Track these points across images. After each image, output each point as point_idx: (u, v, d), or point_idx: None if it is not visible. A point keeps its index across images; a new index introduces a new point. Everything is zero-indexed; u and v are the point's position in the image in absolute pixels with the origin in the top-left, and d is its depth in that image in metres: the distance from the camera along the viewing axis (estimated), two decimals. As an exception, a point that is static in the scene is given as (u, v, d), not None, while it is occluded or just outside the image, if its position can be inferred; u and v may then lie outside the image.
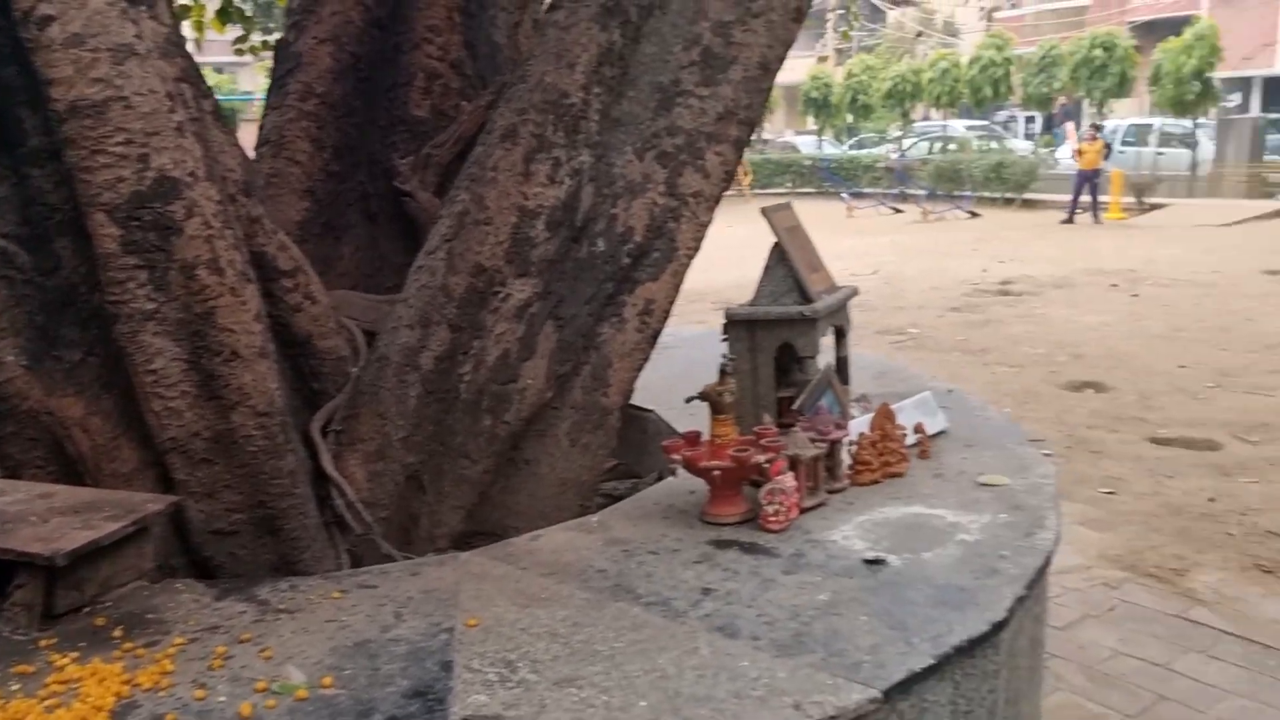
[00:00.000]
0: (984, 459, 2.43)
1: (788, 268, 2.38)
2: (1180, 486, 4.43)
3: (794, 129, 37.38)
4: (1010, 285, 10.65)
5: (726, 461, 1.99)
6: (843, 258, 13.24)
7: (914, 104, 25.58)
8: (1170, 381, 6.42)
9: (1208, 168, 20.55)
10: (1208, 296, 9.61)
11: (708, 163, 2.46)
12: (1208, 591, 3.31)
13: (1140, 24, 31.26)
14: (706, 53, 2.44)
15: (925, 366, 6.97)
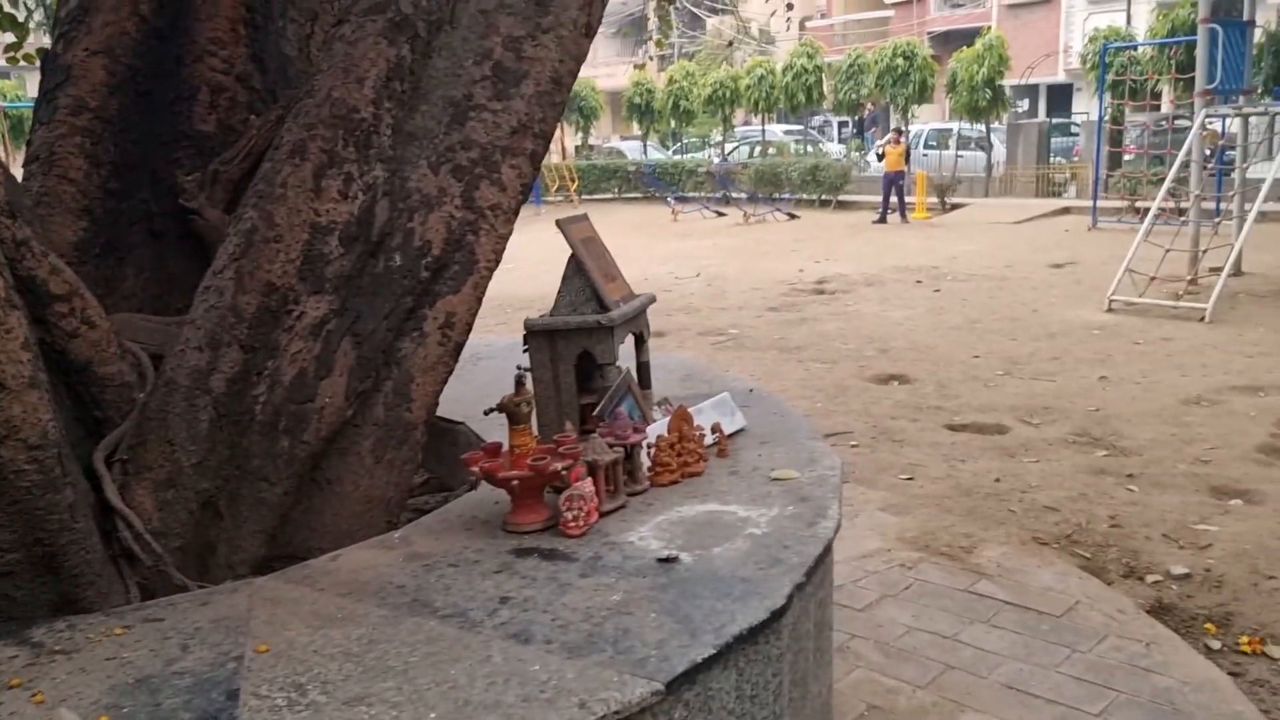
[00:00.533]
0: (777, 455, 2.55)
1: (584, 278, 2.44)
2: (971, 469, 4.77)
3: (620, 134, 37.87)
4: (825, 284, 11.14)
5: (524, 471, 2.03)
6: (668, 261, 13.57)
7: (733, 109, 26.32)
8: (966, 371, 6.87)
9: (1001, 169, 22.03)
10: (1001, 290, 10.32)
11: (504, 176, 2.49)
12: (992, 565, 3.58)
13: (938, 34, 33.25)
14: (498, 67, 2.48)
15: (743, 365, 7.23)
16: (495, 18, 2.48)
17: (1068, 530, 3.97)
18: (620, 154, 29.38)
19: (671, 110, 26.39)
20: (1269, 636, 3.12)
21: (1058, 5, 31.17)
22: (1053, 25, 31.04)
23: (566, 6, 2.54)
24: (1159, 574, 3.58)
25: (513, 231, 2.55)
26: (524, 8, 2.50)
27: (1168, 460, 4.83)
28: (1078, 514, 4.14)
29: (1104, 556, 3.75)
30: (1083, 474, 4.65)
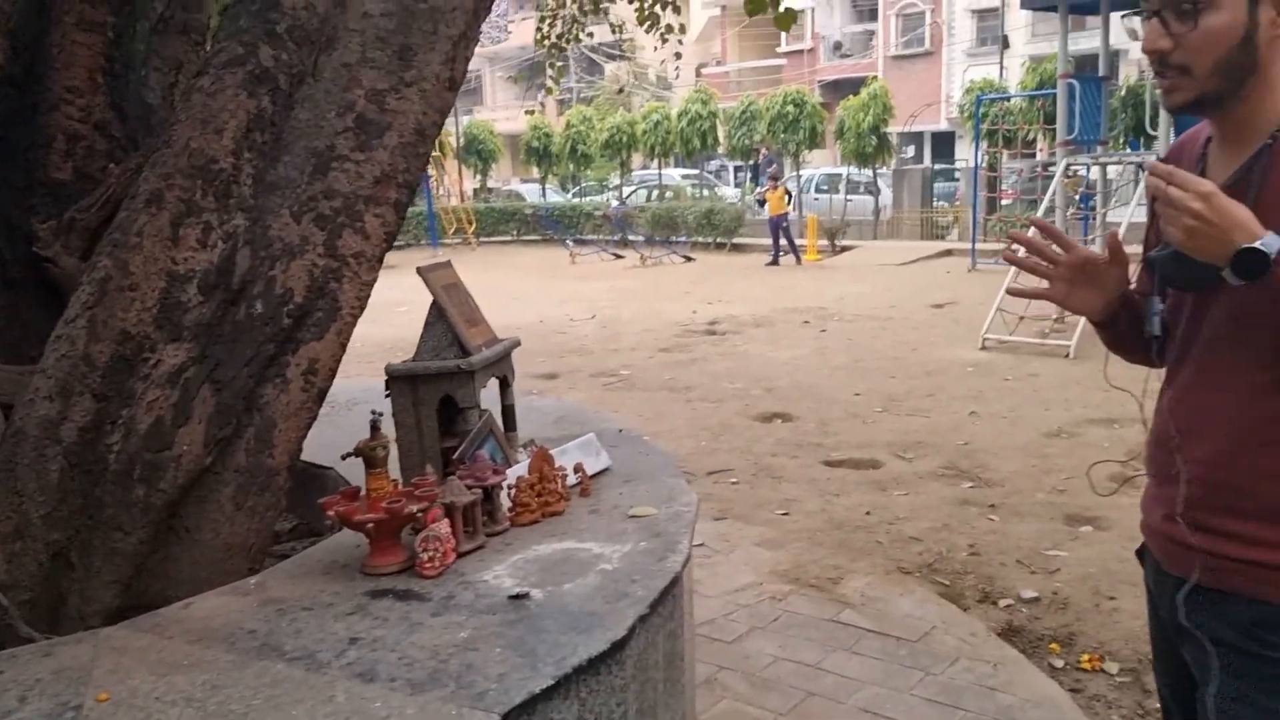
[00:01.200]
0: (639, 493, 2.64)
1: (446, 324, 2.50)
2: (844, 503, 4.95)
3: (519, 177, 38.03)
4: (717, 325, 11.38)
5: (379, 514, 2.07)
6: (564, 303, 13.67)
7: (631, 153, 26.76)
8: (846, 408, 7.11)
9: (888, 213, 22.84)
10: (884, 330, 10.70)
11: (367, 224, 2.55)
12: (856, 595, 3.73)
13: (828, 83, 34.46)
14: (361, 119, 2.54)
15: (632, 406, 7.35)
16: (358, 71, 2.55)
17: (930, 559, 4.16)
18: (519, 197, 29.55)
19: (570, 154, 26.68)
20: (1107, 654, 3.32)
21: (939, 57, 32.68)
22: (934, 76, 32.50)
23: (430, 61, 2.62)
24: (1011, 598, 3.78)
25: (378, 277, 2.60)
26: (387, 62, 2.57)
27: (1027, 490, 5.10)
28: (940, 543, 4.34)
29: (962, 583, 3.94)
30: (948, 505, 4.87)
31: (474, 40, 2.83)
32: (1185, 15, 1.36)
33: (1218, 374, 1.48)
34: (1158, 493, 1.63)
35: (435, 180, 25.68)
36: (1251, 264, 1.30)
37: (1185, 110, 1.45)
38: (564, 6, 9.25)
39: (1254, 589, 1.46)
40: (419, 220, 23.70)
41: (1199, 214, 1.31)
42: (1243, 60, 1.37)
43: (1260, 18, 1.35)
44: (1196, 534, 1.51)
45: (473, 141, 28.64)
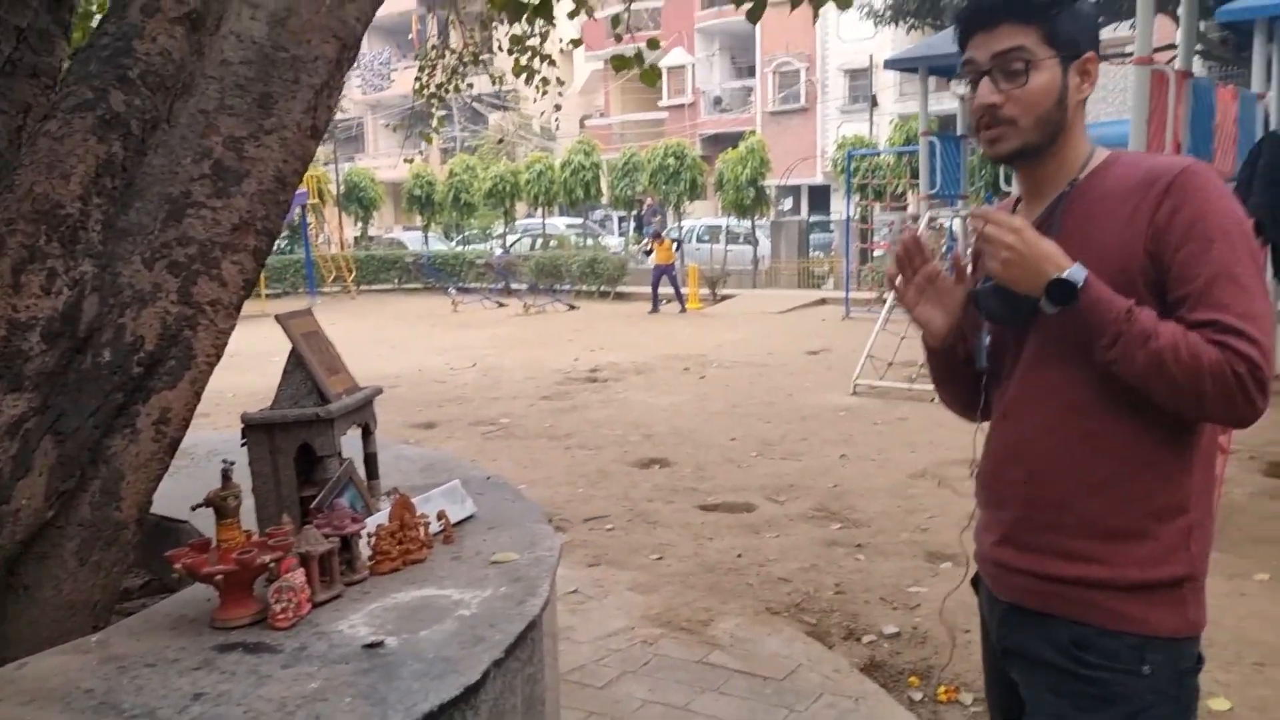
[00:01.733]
0: (502, 539, 2.65)
1: (305, 372, 2.48)
2: (717, 546, 5.03)
3: (402, 225, 37.67)
4: (598, 372, 11.45)
5: (229, 565, 2.03)
6: (445, 351, 13.55)
7: (514, 202, 26.84)
8: (723, 453, 7.24)
9: (767, 263, 23.45)
10: (761, 376, 10.95)
11: (224, 271, 2.52)
12: (725, 637, 3.79)
13: (708, 136, 35.33)
14: (218, 166, 2.52)
15: (511, 454, 7.32)
16: (216, 118, 2.53)
17: (798, 599, 4.26)
18: (401, 245, 29.25)
19: (453, 202, 26.60)
20: (962, 685, 3.46)
21: (814, 114, 33.91)
22: (810, 132, 33.70)
23: (290, 109, 2.62)
24: (874, 634, 3.90)
25: (235, 325, 2.57)
26: (246, 109, 2.57)
27: (892, 530, 5.28)
28: (808, 583, 4.45)
29: (828, 621, 4.04)
30: (817, 546, 5.01)
31: (337, 89, 2.85)
32: (1014, 75, 1.55)
33: (1037, 397, 1.60)
34: (987, 519, 1.73)
35: (314, 228, 25.23)
36: (1062, 291, 1.46)
37: (1007, 159, 1.61)
38: (443, 57, 9.29)
39: (1072, 610, 1.56)
40: (297, 268, 23.22)
41: (1012, 246, 1.49)
42: (1057, 117, 1.57)
43: (1069, 81, 1.57)
44: (1022, 555, 1.62)
45: (354, 189, 28.29)
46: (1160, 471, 1.53)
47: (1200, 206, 1.46)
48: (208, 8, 2.58)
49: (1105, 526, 1.53)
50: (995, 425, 1.72)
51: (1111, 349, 1.45)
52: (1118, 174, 1.57)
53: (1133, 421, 1.52)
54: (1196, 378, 1.41)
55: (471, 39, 8.84)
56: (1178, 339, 1.42)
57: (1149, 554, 1.52)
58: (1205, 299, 1.43)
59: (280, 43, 2.62)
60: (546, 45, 6.88)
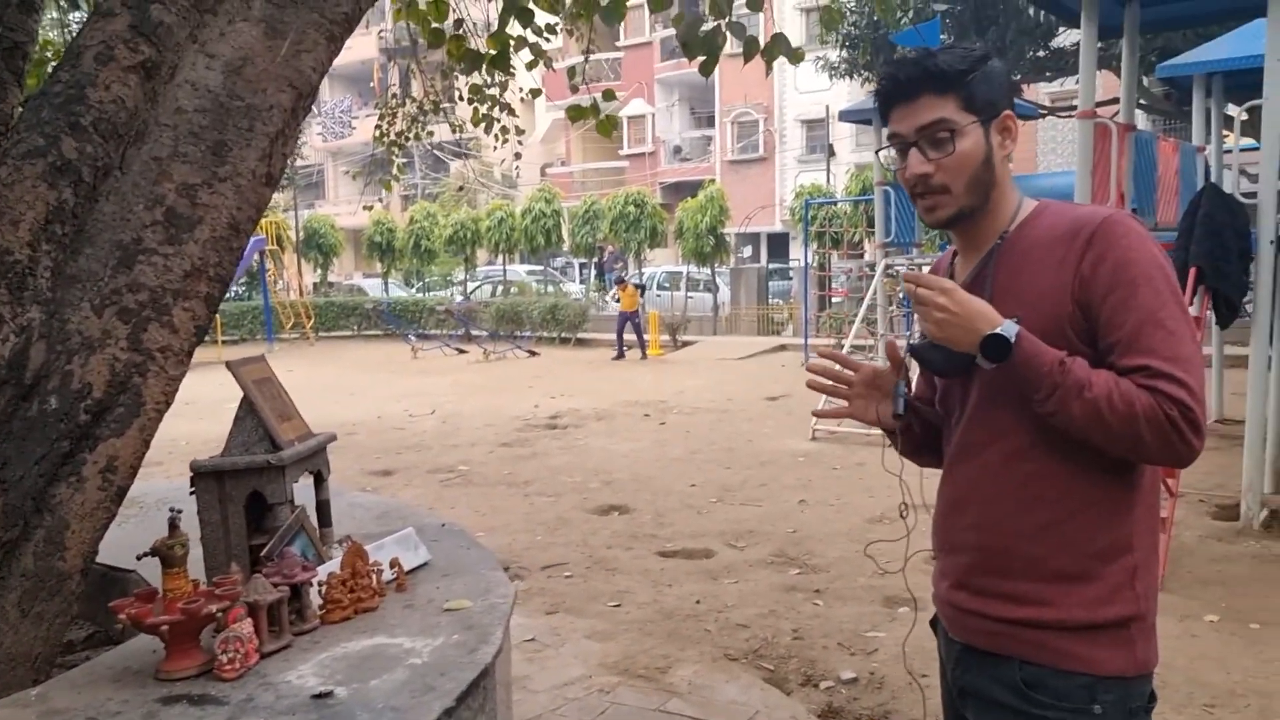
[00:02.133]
0: (455, 586, 2.63)
1: (256, 419, 2.47)
2: (676, 593, 5.01)
3: (362, 272, 37.54)
4: (558, 419, 11.42)
5: (175, 615, 2.00)
6: (404, 398, 13.46)
7: (475, 249, 26.89)
8: (682, 500, 7.23)
9: (727, 309, 23.63)
10: (721, 422, 10.98)
11: (175, 318, 2.50)
12: (684, 684, 3.77)
13: (669, 185, 35.70)
14: (171, 213, 2.52)
15: (469, 501, 7.27)
16: (169, 165, 2.53)
17: (756, 645, 4.25)
18: (361, 291, 29.13)
19: (413, 249, 26.59)
20: (920, 730, 3.46)
21: (772, 163, 34.41)
22: (769, 180, 34.18)
23: (245, 157, 2.63)
24: (832, 679, 3.90)
25: (186, 372, 2.55)
26: (200, 157, 2.57)
27: (850, 575, 5.29)
28: (766, 629, 4.44)
29: (786, 667, 4.04)
30: (776, 592, 5.01)
31: (293, 138, 2.86)
32: (940, 143, 1.59)
33: (980, 444, 1.65)
34: (942, 564, 1.78)
35: (273, 274, 25.07)
36: (996, 348, 1.50)
37: (946, 225, 1.66)
38: (404, 105, 9.35)
39: (1023, 650, 1.59)
40: (255, 314, 23.03)
41: (944, 307, 1.54)
42: (986, 177, 1.62)
43: (992, 141, 1.62)
44: (973, 598, 1.65)
45: (313, 235, 28.21)
46: (1101, 513, 1.56)
47: (1123, 254, 1.51)
48: (163, 56, 2.59)
49: (1049, 569, 1.56)
50: (945, 472, 1.77)
51: (1048, 401, 1.49)
52: (1045, 224, 1.62)
53: (1072, 464, 1.55)
54: (1132, 424, 1.44)
55: (432, 88, 8.91)
56: (1110, 387, 1.45)
57: (1095, 595, 1.54)
58: (1134, 345, 1.48)
59: (235, 91, 2.64)
60: (506, 94, 6.95)
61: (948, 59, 1.59)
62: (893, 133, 1.65)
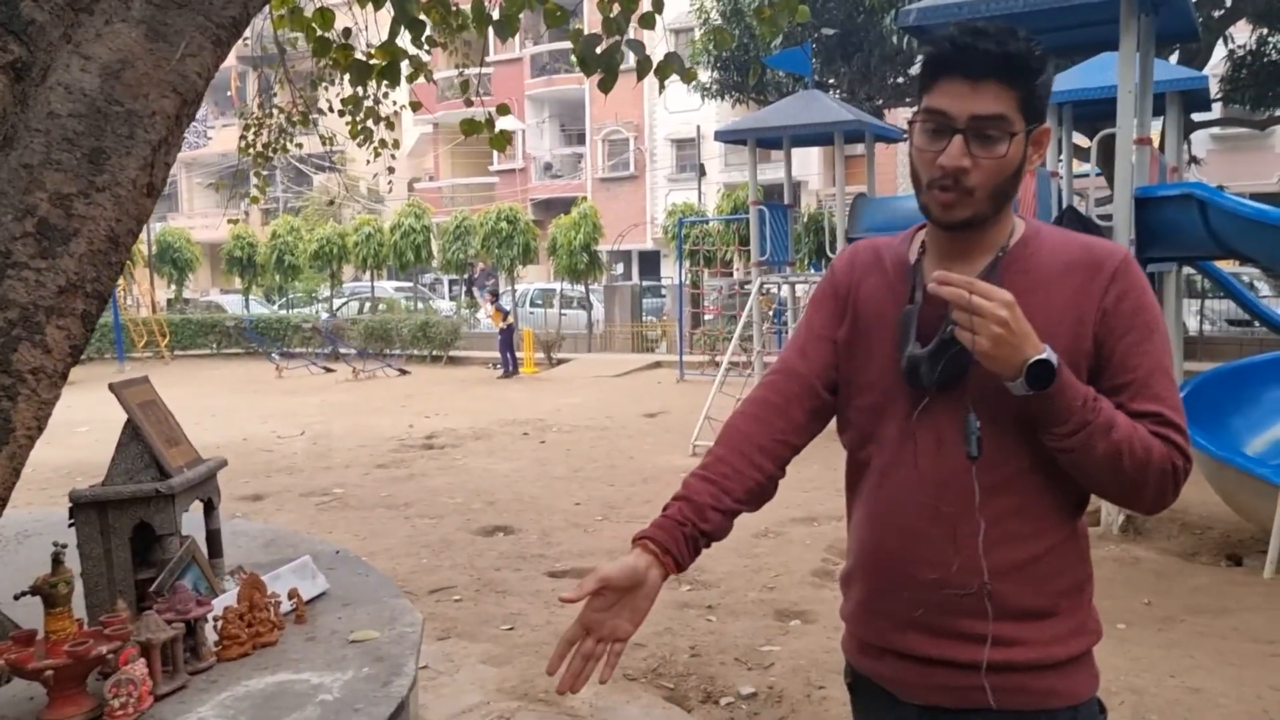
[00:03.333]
0: (359, 616, 2.52)
1: (142, 444, 2.31)
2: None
3: (220, 288, 36.05)
4: (435, 439, 11.17)
5: (61, 659, 1.84)
6: (270, 419, 12.94)
7: (342, 265, 26.14)
8: (568, 518, 7.16)
9: (601, 327, 23.66)
10: (601, 439, 10.95)
11: (49, 337, 2.33)
12: (584, 707, 3.71)
13: (540, 201, 35.62)
14: (44, 224, 2.35)
15: (348, 525, 7.01)
16: (41, 173, 2.36)
17: (654, 664, 4.23)
18: (219, 308, 27.95)
19: (276, 264, 25.67)
20: (820, 742, 3.49)
21: (643, 181, 34.74)
22: (640, 198, 34.49)
23: (125, 166, 2.47)
24: (731, 695, 3.91)
25: (60, 395, 2.37)
26: (75, 164, 2.40)
27: (740, 590, 5.33)
28: (663, 647, 4.42)
29: (685, 685, 4.03)
30: (669, 609, 5.00)
31: (176, 146, 2.71)
32: (992, 142, 1.43)
33: (952, 475, 1.46)
34: (883, 604, 1.56)
35: (123, 290, 23.80)
36: (1043, 374, 1.35)
37: (954, 227, 1.49)
38: (271, 116, 9.03)
39: (1002, 700, 1.46)
40: (104, 332, 21.78)
41: (1005, 322, 1.35)
42: (1010, 189, 1.48)
43: (1027, 153, 1.48)
44: (937, 641, 1.49)
45: (167, 249, 26.94)
46: (1066, 551, 1.50)
47: (1141, 297, 1.47)
48: (34, 56, 2.42)
49: (1020, 608, 1.47)
50: (890, 499, 1.55)
51: (1073, 436, 1.39)
52: (1049, 246, 1.52)
53: (1047, 501, 1.48)
54: (1144, 470, 1.40)
55: (301, 98, 8.63)
56: (1131, 431, 1.40)
57: (1065, 630, 1.49)
58: (1146, 390, 1.43)
59: (114, 96, 2.48)
60: (380, 108, 6.79)
61: (1026, 48, 1.43)
62: (938, 109, 1.45)
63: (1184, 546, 6.07)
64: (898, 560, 1.53)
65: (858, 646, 1.64)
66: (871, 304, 1.60)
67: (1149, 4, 6.30)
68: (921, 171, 1.49)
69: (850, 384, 1.62)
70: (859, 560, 1.62)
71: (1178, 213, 6.61)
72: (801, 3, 4.18)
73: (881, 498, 1.57)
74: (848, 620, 1.66)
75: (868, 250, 1.68)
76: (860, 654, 1.63)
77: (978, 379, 1.44)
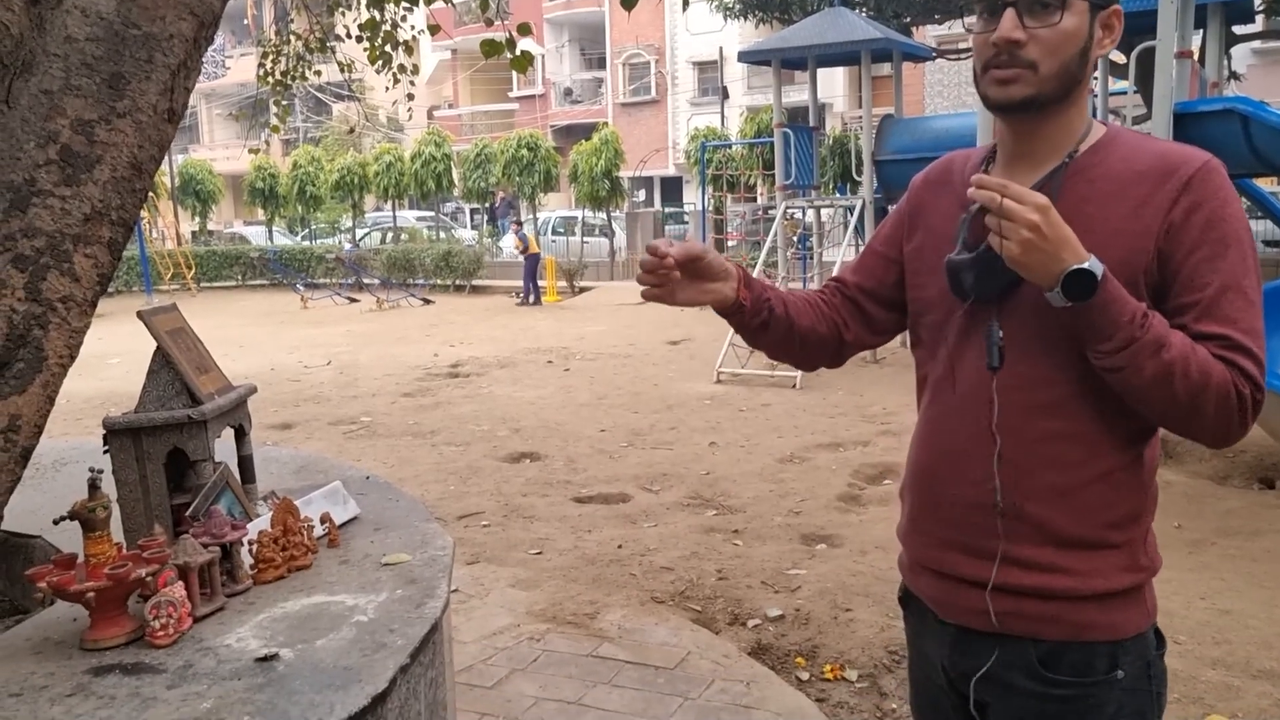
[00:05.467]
0: (390, 540, 2.55)
1: (173, 371, 2.32)
2: (596, 538, 5.00)
3: (243, 220, 36.10)
4: (459, 367, 11.24)
5: (101, 581, 1.87)
6: (297, 349, 13.05)
7: (363, 195, 26.07)
8: (593, 445, 7.21)
9: (623, 254, 23.55)
10: (625, 367, 10.98)
11: (77, 265, 2.33)
12: (614, 629, 3.77)
13: (560, 128, 35.21)
14: (66, 151, 2.32)
15: (376, 453, 7.10)
16: (61, 99, 2.33)
17: (682, 587, 4.28)
18: (243, 239, 28.01)
19: (298, 195, 25.62)
20: (847, 662, 3.54)
21: (665, 106, 34.23)
22: (661, 123, 34.02)
23: (145, 91, 2.44)
24: (759, 618, 3.96)
25: (90, 324, 2.38)
26: (95, 90, 2.37)
27: (766, 514, 5.37)
28: (690, 571, 4.47)
29: (713, 608, 4.08)
30: (695, 534, 5.04)
31: (195, 71, 2.67)
32: (1045, 10, 1.36)
33: (998, 390, 1.42)
34: (924, 520, 1.55)
35: (148, 222, 23.86)
36: (1082, 285, 1.28)
37: (1017, 106, 1.40)
38: (288, 44, 8.93)
39: (1032, 627, 1.43)
40: (131, 265, 21.93)
41: (1036, 226, 1.29)
42: (1077, 69, 1.39)
43: (1094, 32, 1.40)
44: (972, 561, 1.46)
45: (189, 182, 26.91)
46: (1118, 483, 1.42)
47: (1219, 208, 1.36)
48: (49, -22, 2.37)
49: (1064, 536, 1.41)
50: (937, 416, 1.54)
51: (1118, 354, 1.31)
52: (1122, 154, 1.42)
53: (1099, 427, 1.40)
54: (1201, 395, 1.31)
55: (318, 24, 8.51)
56: (1187, 352, 1.31)
57: (1112, 563, 1.42)
58: (1214, 311, 1.34)
59: (131, 19, 2.44)
60: (399, 32, 6.68)
61: None
62: None
63: (1215, 470, 6.04)
64: (937, 478, 1.51)
65: (907, 562, 1.63)
66: (940, 218, 1.56)
67: (1192, -89, 6.06)
68: (977, 58, 1.42)
69: (918, 300, 1.59)
70: (908, 476, 1.61)
71: (1219, 129, 6.45)
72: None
73: (931, 415, 1.55)
74: (900, 536, 1.65)
75: (942, 164, 1.63)
76: (908, 570, 1.62)
77: (1028, 293, 1.38)
